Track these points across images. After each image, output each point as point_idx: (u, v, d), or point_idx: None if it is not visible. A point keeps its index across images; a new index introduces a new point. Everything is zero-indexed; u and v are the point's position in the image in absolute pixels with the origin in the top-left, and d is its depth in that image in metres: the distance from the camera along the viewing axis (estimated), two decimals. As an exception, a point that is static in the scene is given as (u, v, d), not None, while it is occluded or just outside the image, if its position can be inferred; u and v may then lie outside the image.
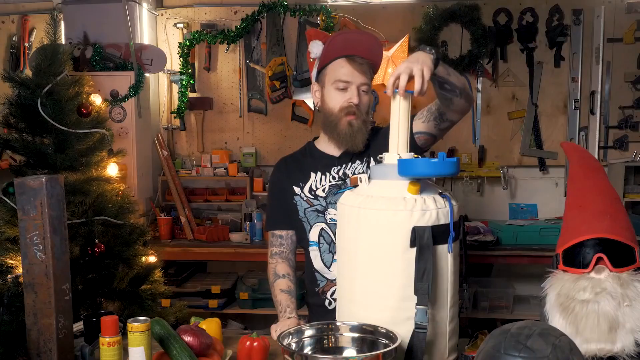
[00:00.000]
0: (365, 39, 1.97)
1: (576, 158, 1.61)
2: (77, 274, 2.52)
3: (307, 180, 2.02)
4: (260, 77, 4.10)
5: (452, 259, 1.57)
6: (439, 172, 1.52)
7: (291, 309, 1.93)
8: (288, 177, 2.05)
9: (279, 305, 1.96)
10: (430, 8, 3.87)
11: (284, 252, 2.06)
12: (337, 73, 1.93)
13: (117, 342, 1.49)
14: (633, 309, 1.36)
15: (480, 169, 3.96)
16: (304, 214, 2.01)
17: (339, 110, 1.94)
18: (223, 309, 3.74)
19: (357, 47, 1.93)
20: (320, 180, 2.01)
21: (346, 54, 1.93)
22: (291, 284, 2.00)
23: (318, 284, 2.00)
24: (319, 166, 2.02)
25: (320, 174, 2.01)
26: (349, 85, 1.92)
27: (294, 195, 2.02)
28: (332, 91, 1.95)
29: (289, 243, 2.07)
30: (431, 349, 1.55)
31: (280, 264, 2.04)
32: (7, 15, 4.17)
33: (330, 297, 1.98)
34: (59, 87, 2.56)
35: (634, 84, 3.84)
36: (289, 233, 2.06)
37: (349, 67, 1.92)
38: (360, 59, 1.93)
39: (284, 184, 2.05)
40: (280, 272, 2.02)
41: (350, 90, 1.92)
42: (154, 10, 4.11)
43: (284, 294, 1.97)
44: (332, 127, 1.96)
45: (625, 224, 1.46)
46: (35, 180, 1.50)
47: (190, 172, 4.07)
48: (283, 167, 2.10)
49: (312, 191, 2.00)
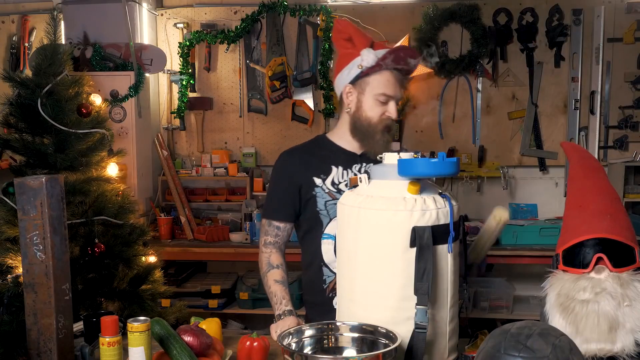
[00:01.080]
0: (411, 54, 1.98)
1: (576, 158, 1.61)
2: (77, 274, 2.52)
3: (328, 173, 2.00)
4: (260, 77, 4.10)
5: (452, 259, 1.57)
6: (439, 172, 1.52)
7: (287, 300, 1.94)
8: (306, 168, 2.01)
9: (273, 296, 1.96)
10: (430, 8, 3.87)
11: (277, 243, 2.05)
12: (382, 86, 1.93)
13: (117, 342, 1.49)
14: (633, 309, 1.36)
15: (480, 169, 3.96)
16: (325, 206, 1.98)
17: (377, 121, 1.94)
18: (223, 309, 3.74)
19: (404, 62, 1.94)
20: (342, 175, 2.00)
21: (396, 66, 1.93)
22: (285, 275, 2.01)
23: (324, 280, 1.99)
24: (339, 161, 2.01)
25: (342, 168, 2.01)
26: (390, 99, 1.94)
27: (314, 187, 1.99)
28: (373, 101, 1.94)
29: (284, 235, 2.06)
30: (431, 349, 1.55)
31: (274, 254, 2.04)
32: (7, 15, 4.17)
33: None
34: (59, 87, 2.56)
35: (634, 84, 3.84)
36: (287, 225, 2.05)
37: (394, 82, 1.93)
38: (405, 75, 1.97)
39: (296, 175, 2.01)
40: (274, 263, 2.02)
41: (391, 104, 1.94)
42: (154, 10, 4.11)
43: (279, 285, 1.97)
44: (367, 135, 1.96)
45: (625, 224, 1.46)
46: (35, 180, 1.50)
47: (190, 172, 4.07)
48: (296, 158, 2.06)
49: (334, 185, 1.99)
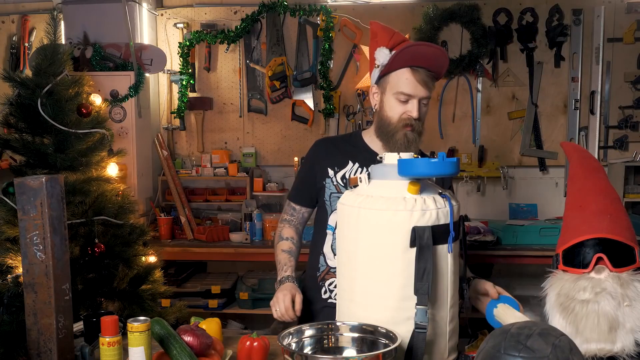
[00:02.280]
0: (432, 52, 1.92)
1: (576, 158, 1.61)
2: (77, 274, 2.52)
3: (343, 166, 2.03)
4: (260, 77, 4.10)
5: (452, 259, 1.57)
6: (439, 172, 1.52)
7: (288, 266, 2.00)
8: (326, 158, 2.06)
9: (278, 264, 2.04)
10: (430, 8, 3.87)
11: (292, 221, 2.15)
12: (400, 84, 1.91)
13: (117, 342, 1.49)
14: (633, 309, 1.36)
15: (480, 169, 3.96)
16: (329, 198, 2.03)
17: (397, 120, 1.93)
18: (223, 309, 3.74)
19: (423, 59, 1.90)
20: (356, 172, 2.01)
21: (413, 64, 1.90)
22: (293, 247, 2.08)
23: (319, 268, 2.04)
24: (359, 157, 2.03)
25: (359, 165, 2.02)
26: (410, 98, 1.91)
27: (326, 178, 2.03)
28: (393, 101, 1.93)
29: (299, 216, 2.14)
30: (431, 349, 1.55)
31: (286, 228, 2.13)
32: (7, 15, 4.17)
33: (327, 287, 2.01)
34: (59, 87, 2.56)
35: (634, 84, 3.84)
36: (302, 209, 2.13)
37: (413, 80, 1.89)
38: (424, 71, 1.90)
39: (317, 164, 2.07)
40: (285, 235, 2.10)
41: (411, 103, 1.91)
42: (154, 10, 4.11)
43: (285, 254, 2.05)
44: (388, 135, 1.95)
45: (626, 224, 1.46)
46: (35, 180, 1.50)
47: (190, 172, 4.07)
48: (323, 147, 2.11)
49: (344, 179, 2.02)
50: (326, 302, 2.02)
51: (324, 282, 2.03)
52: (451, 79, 3.96)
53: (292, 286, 1.91)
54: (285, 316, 1.84)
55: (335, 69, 4.01)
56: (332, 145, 2.10)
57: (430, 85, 1.92)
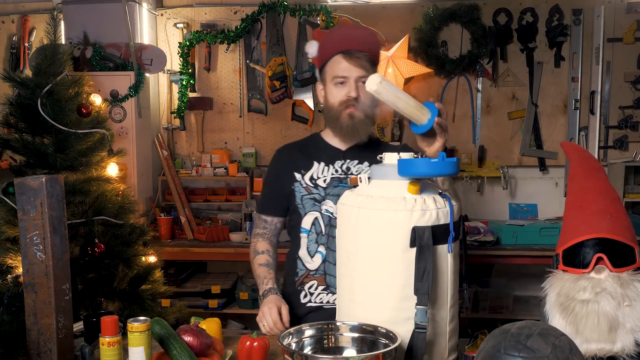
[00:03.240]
0: (360, 33, 2.03)
1: (576, 158, 1.61)
2: (77, 274, 2.52)
3: (309, 168, 2.05)
4: (260, 77, 4.10)
5: (452, 259, 1.57)
6: (439, 172, 1.52)
7: (268, 279, 1.99)
8: (290, 163, 2.07)
9: (257, 278, 2.04)
10: (430, 8, 3.87)
11: (266, 234, 2.13)
12: (334, 69, 1.97)
13: (117, 342, 1.49)
14: (633, 309, 1.36)
15: (480, 169, 3.96)
16: (301, 200, 2.03)
17: (339, 104, 1.97)
18: (223, 309, 3.74)
19: (353, 42, 1.98)
20: (323, 170, 2.04)
21: (341, 49, 1.97)
22: (270, 259, 2.07)
23: (297, 273, 2.04)
24: (323, 156, 2.05)
25: (324, 164, 2.04)
26: (346, 80, 1.96)
27: (294, 182, 2.04)
28: (332, 87, 1.99)
29: (272, 228, 2.13)
30: (431, 349, 1.55)
31: (260, 242, 2.11)
32: (7, 15, 4.17)
33: (307, 290, 2.01)
34: (59, 87, 2.56)
35: (634, 84, 3.84)
36: (274, 220, 2.13)
37: (346, 63, 1.95)
38: (357, 52, 1.96)
39: (282, 170, 2.08)
40: (259, 249, 2.09)
41: (349, 85, 1.96)
42: (154, 10, 4.11)
43: (262, 267, 2.04)
44: (334, 121, 2.00)
45: (625, 224, 1.46)
46: (35, 180, 1.50)
47: (190, 172, 4.07)
48: (285, 154, 2.13)
49: (312, 180, 2.03)
50: (306, 306, 2.01)
51: (303, 286, 2.02)
52: (451, 79, 3.96)
53: (276, 298, 1.91)
54: (274, 329, 1.82)
55: (335, 69, 4.00)
56: (295, 150, 2.12)
57: (366, 65, 1.96)
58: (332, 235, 1.96)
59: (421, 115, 1.70)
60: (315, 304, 2.00)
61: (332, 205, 1.98)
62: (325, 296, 1.99)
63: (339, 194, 1.94)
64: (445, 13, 3.85)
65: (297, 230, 2.05)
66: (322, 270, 2.00)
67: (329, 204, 2.00)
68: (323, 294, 2.00)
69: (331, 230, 1.98)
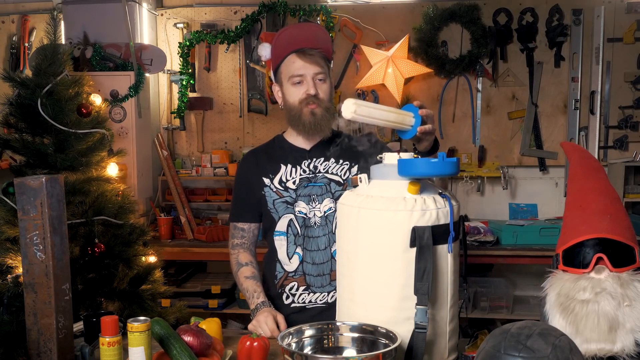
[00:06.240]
0: (310, 31, 2.04)
1: (576, 158, 1.61)
2: (77, 274, 2.52)
3: (277, 171, 2.05)
4: (260, 77, 4.10)
5: (452, 258, 1.57)
6: (439, 172, 1.52)
7: (258, 292, 1.99)
8: (257, 168, 2.07)
9: (246, 292, 2.03)
10: (430, 8, 3.87)
11: (245, 244, 2.14)
12: (289, 69, 1.98)
13: (117, 342, 1.49)
14: (633, 309, 1.36)
15: (480, 169, 3.96)
16: (273, 205, 2.04)
17: (299, 103, 1.98)
18: (223, 309, 3.74)
19: (304, 40, 1.99)
20: (291, 172, 2.04)
21: (294, 48, 1.98)
22: (254, 270, 2.07)
23: (276, 275, 2.05)
24: (289, 158, 2.06)
25: (291, 166, 2.04)
26: (303, 78, 1.97)
27: (264, 187, 2.05)
28: (290, 87, 1.99)
29: (250, 236, 2.14)
30: (431, 349, 1.55)
31: (242, 253, 2.12)
32: (7, 15, 4.17)
33: (288, 292, 2.02)
34: (59, 87, 2.56)
35: (634, 84, 3.84)
36: (251, 226, 2.13)
37: (301, 61, 1.97)
38: (310, 50, 1.98)
39: (250, 177, 2.08)
40: (242, 261, 2.09)
41: (306, 82, 1.97)
42: (154, 10, 4.11)
43: (250, 280, 2.03)
44: (296, 120, 2.00)
45: (625, 223, 1.46)
46: (35, 180, 1.50)
47: (190, 172, 4.07)
48: (251, 159, 2.12)
49: (282, 183, 2.04)
50: (290, 307, 2.01)
51: (284, 288, 2.03)
52: (451, 79, 3.97)
53: (270, 309, 1.92)
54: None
55: (335, 69, 4.01)
56: (260, 155, 2.11)
57: (320, 61, 1.98)
58: (308, 235, 1.99)
59: (404, 123, 1.69)
60: (299, 304, 2.01)
61: (305, 206, 1.99)
62: (307, 296, 2.01)
63: (310, 194, 1.99)
64: (445, 13, 3.85)
65: (272, 234, 2.06)
66: (300, 271, 2.01)
67: (301, 205, 2.01)
68: (305, 294, 2.01)
69: (307, 231, 1.99)
